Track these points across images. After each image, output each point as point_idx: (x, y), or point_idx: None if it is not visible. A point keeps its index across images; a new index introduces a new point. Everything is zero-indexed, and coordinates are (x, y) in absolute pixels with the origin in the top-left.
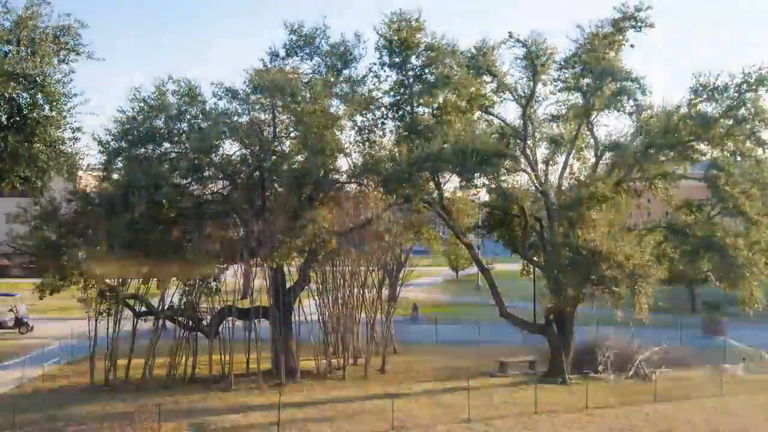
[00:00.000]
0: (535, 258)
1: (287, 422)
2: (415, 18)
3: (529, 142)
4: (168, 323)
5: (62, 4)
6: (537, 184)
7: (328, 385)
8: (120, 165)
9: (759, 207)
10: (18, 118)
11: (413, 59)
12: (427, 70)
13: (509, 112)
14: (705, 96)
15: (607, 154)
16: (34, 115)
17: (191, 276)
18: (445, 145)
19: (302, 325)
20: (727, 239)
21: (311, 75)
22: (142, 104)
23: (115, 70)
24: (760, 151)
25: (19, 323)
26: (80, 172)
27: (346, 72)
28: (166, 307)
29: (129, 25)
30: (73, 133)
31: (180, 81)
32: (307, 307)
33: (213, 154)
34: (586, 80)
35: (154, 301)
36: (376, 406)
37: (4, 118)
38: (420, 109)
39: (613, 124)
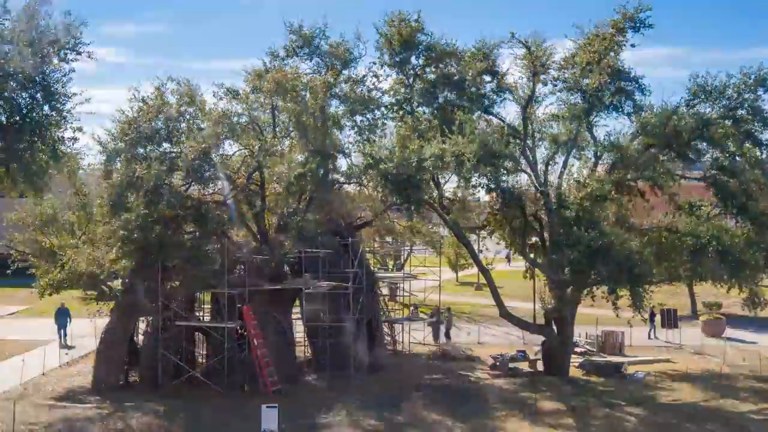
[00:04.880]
0: (535, 258)
1: None
2: (414, 18)
3: (529, 141)
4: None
5: (62, 2)
6: (537, 184)
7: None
8: (119, 165)
9: (761, 207)
10: (18, 118)
11: (413, 59)
12: (427, 70)
13: (509, 111)
14: (703, 96)
15: (607, 154)
16: (35, 115)
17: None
18: (445, 146)
19: None
20: (727, 239)
21: (311, 75)
22: (141, 104)
23: (115, 70)
24: (758, 152)
25: None
26: (80, 172)
27: (345, 72)
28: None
29: (128, 24)
30: (74, 132)
31: (180, 81)
32: None
33: (213, 154)
34: (586, 80)
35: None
36: None
37: (3, 118)
38: (420, 109)
39: (613, 124)
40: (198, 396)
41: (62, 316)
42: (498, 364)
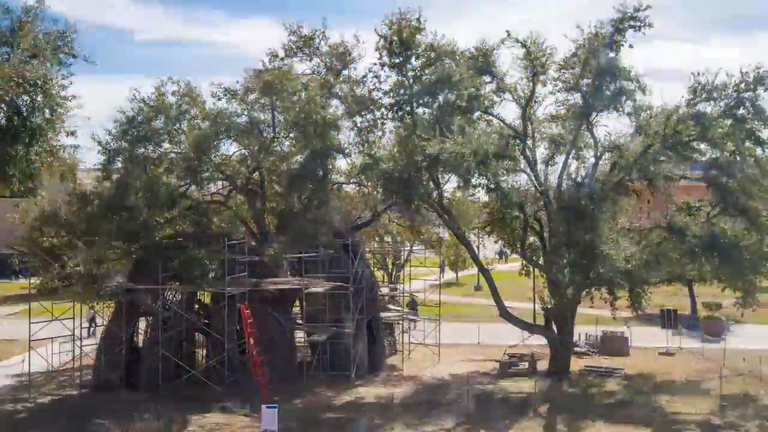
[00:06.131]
0: (534, 258)
1: None
2: (415, 18)
3: (528, 142)
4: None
5: (58, 6)
6: (536, 185)
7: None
8: (119, 165)
9: (759, 206)
10: (17, 123)
11: (413, 60)
12: (427, 71)
13: (509, 112)
14: (704, 96)
15: (607, 155)
16: (34, 118)
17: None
18: (445, 146)
19: None
20: (726, 240)
21: (310, 75)
22: (141, 104)
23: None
24: (759, 150)
25: None
26: (78, 173)
27: (345, 73)
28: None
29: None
30: (68, 136)
31: (179, 81)
32: None
33: (212, 155)
34: (585, 80)
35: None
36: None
37: (3, 122)
38: (420, 110)
39: (612, 125)
40: (198, 396)
41: None
42: (499, 364)
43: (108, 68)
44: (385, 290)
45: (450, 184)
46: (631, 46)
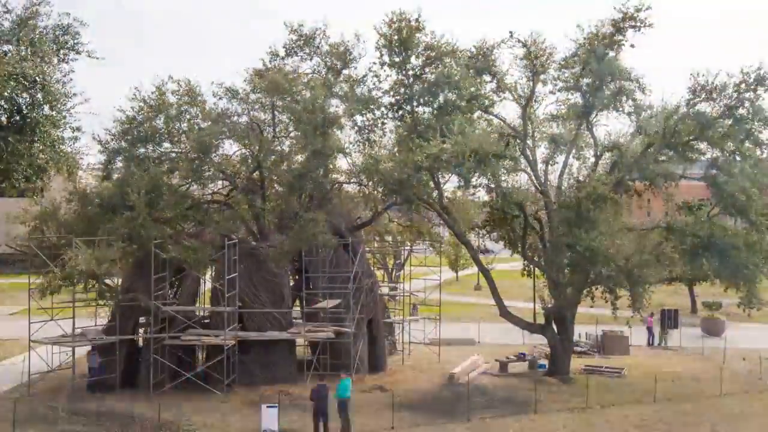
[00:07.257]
0: (535, 258)
1: None
2: (415, 18)
3: (528, 141)
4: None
5: (61, 3)
6: (537, 184)
7: None
8: (120, 165)
9: (759, 207)
10: (18, 118)
11: (413, 59)
12: (427, 70)
13: (509, 111)
14: (704, 96)
15: (607, 154)
16: (34, 114)
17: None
18: (444, 146)
19: None
20: (726, 239)
21: (311, 75)
22: (142, 104)
23: (116, 70)
24: (758, 151)
25: None
26: (80, 172)
27: (345, 72)
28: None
29: (130, 22)
30: (73, 132)
31: (180, 81)
32: None
33: (213, 154)
34: (586, 80)
35: None
36: None
37: (4, 118)
38: (420, 109)
39: (612, 124)
40: (198, 395)
41: None
42: (499, 364)
43: None
44: (385, 290)
45: (450, 184)
46: (632, 46)
